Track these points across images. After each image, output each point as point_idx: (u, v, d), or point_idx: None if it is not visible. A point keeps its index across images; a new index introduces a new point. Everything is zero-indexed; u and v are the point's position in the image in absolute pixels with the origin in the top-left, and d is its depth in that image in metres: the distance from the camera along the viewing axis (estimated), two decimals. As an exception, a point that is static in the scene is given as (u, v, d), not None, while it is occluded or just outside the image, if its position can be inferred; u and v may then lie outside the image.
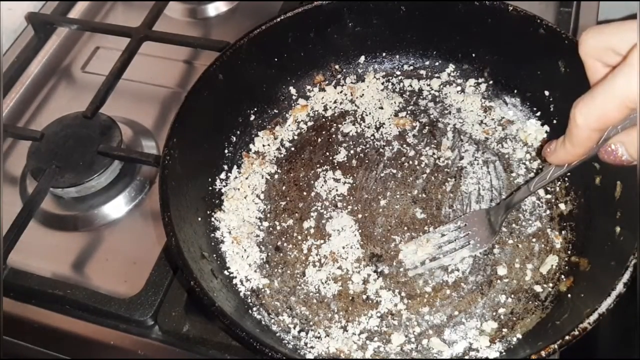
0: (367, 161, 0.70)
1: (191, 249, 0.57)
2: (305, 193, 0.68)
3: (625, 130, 0.44)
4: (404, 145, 0.70)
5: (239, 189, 0.68)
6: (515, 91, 0.71)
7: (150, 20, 0.83)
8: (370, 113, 0.73)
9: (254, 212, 0.67)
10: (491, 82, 0.73)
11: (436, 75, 0.75)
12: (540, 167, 0.67)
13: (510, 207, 0.61)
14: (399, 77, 0.75)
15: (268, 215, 0.67)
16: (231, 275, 0.62)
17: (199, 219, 0.63)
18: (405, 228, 0.64)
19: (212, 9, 0.91)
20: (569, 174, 0.65)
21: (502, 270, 0.61)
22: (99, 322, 0.62)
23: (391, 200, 0.67)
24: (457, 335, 0.58)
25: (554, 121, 0.68)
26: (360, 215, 0.66)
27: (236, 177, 0.69)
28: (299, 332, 0.59)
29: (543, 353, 0.47)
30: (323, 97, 0.75)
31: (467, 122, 0.71)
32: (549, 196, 0.65)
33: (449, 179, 0.67)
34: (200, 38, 0.85)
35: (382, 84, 0.75)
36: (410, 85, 0.75)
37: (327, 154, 0.71)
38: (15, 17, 0.91)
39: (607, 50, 0.43)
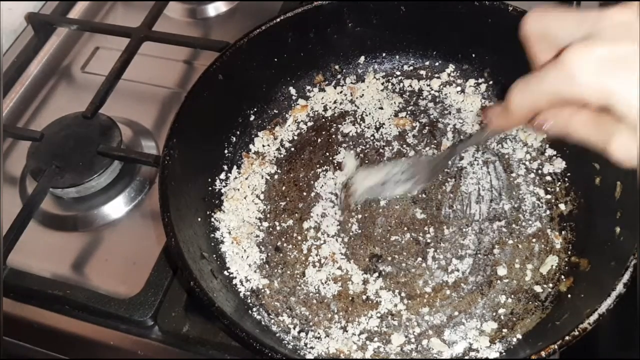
0: (367, 161, 0.70)
1: (191, 249, 0.57)
2: (305, 193, 0.68)
3: (555, 108, 0.44)
4: (404, 146, 0.70)
5: (238, 189, 0.68)
6: (515, 91, 0.71)
7: (150, 21, 0.83)
8: (370, 113, 0.73)
9: (253, 212, 0.67)
10: (491, 82, 0.73)
11: (436, 75, 0.75)
12: (540, 166, 0.67)
13: (447, 159, 0.65)
14: (399, 78, 0.75)
15: (268, 215, 0.67)
16: (231, 275, 0.62)
17: (199, 219, 0.63)
18: (405, 228, 0.64)
19: (212, 9, 0.91)
20: (569, 174, 0.66)
21: (502, 271, 0.61)
22: (99, 323, 0.62)
23: (391, 200, 0.67)
24: (457, 335, 0.58)
25: (554, 121, 0.68)
26: (360, 215, 0.66)
27: (236, 178, 0.69)
28: (299, 332, 0.59)
29: (543, 353, 0.47)
30: (323, 98, 0.75)
31: (467, 122, 0.71)
32: (549, 196, 0.65)
33: (449, 179, 0.67)
34: (200, 38, 0.85)
35: (382, 84, 0.75)
36: (410, 86, 0.75)
37: (327, 154, 0.71)
38: (15, 17, 0.91)
39: (547, 36, 0.43)
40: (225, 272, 0.62)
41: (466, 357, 0.56)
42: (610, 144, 0.40)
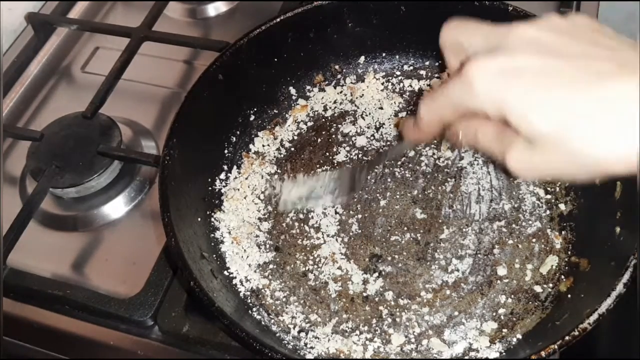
0: (367, 161, 0.70)
1: (191, 249, 0.57)
2: (305, 193, 0.68)
3: (465, 120, 0.45)
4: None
5: (238, 189, 0.68)
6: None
7: (150, 21, 0.83)
8: (370, 113, 0.73)
9: (253, 212, 0.67)
10: (491, 82, 0.73)
11: (436, 75, 0.75)
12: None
13: (369, 169, 0.66)
14: (399, 78, 0.75)
15: (268, 215, 0.67)
16: (231, 275, 0.62)
17: (199, 219, 0.63)
18: (405, 228, 0.64)
19: (212, 9, 0.91)
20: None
21: (502, 271, 0.61)
22: (99, 322, 0.62)
23: (391, 200, 0.67)
24: (457, 335, 0.58)
25: (554, 121, 0.68)
26: (360, 215, 0.66)
27: (236, 178, 0.69)
28: (299, 332, 0.59)
29: (543, 353, 0.47)
30: (323, 98, 0.75)
31: (467, 122, 0.71)
32: (549, 196, 0.65)
33: (449, 179, 0.67)
34: (200, 38, 0.85)
35: (382, 84, 0.75)
36: (410, 86, 0.75)
37: (327, 154, 0.71)
38: (15, 17, 0.91)
39: (459, 47, 0.46)
40: (225, 272, 0.62)
41: (466, 357, 0.56)
42: (506, 154, 0.42)
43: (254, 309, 0.60)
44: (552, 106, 0.38)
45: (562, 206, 0.64)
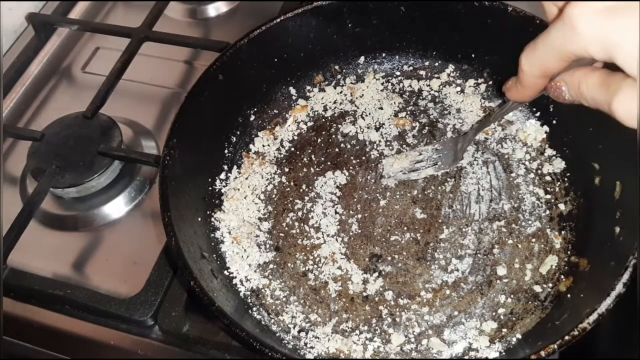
0: (367, 161, 0.70)
1: (191, 249, 0.57)
2: (305, 193, 0.68)
3: (569, 71, 0.43)
4: (404, 146, 0.71)
5: (239, 189, 0.68)
6: (515, 91, 0.71)
7: (151, 21, 0.83)
8: (370, 113, 0.73)
9: (254, 212, 0.67)
10: (491, 82, 0.73)
11: (436, 75, 0.75)
12: (540, 166, 0.67)
13: (472, 137, 0.66)
14: (399, 78, 0.75)
15: (268, 215, 0.67)
16: (231, 275, 0.62)
17: (199, 219, 0.63)
18: (405, 228, 0.64)
19: (212, 10, 0.91)
20: (568, 174, 0.66)
21: (501, 271, 0.61)
22: (99, 322, 0.62)
23: (391, 200, 0.67)
24: (456, 335, 0.58)
25: (554, 121, 0.68)
26: (360, 215, 0.66)
27: (236, 178, 0.69)
28: (299, 332, 0.59)
29: (543, 353, 0.47)
30: (323, 98, 0.75)
31: (467, 123, 0.71)
32: (548, 196, 0.65)
33: (448, 179, 0.67)
34: (200, 38, 0.85)
35: (382, 84, 0.75)
36: (410, 86, 0.75)
37: (327, 154, 0.71)
38: (15, 17, 0.91)
39: None
40: (226, 272, 0.62)
41: (466, 357, 0.56)
42: (612, 102, 0.39)
43: (254, 309, 0.60)
44: None
45: (561, 206, 0.64)
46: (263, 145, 0.72)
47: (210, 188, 0.67)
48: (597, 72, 0.41)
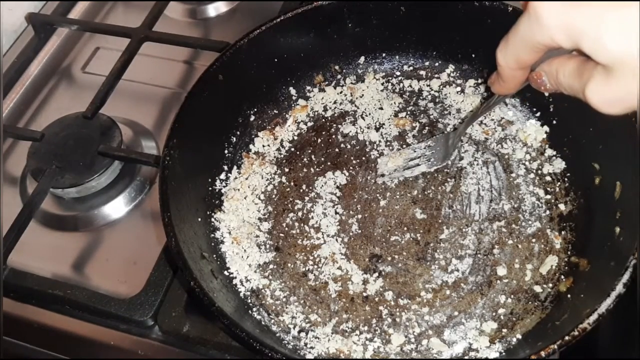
0: (367, 161, 0.70)
1: (191, 249, 0.57)
2: (305, 193, 0.68)
3: (547, 61, 0.44)
4: (404, 146, 0.70)
5: (239, 190, 0.68)
6: (515, 91, 0.71)
7: (151, 21, 0.83)
8: (370, 113, 0.73)
9: (254, 212, 0.67)
10: (491, 82, 0.73)
11: (436, 75, 0.75)
12: (540, 166, 0.67)
13: (462, 132, 0.67)
14: (399, 78, 0.75)
15: (268, 215, 0.67)
16: (231, 275, 0.62)
17: (199, 219, 0.63)
18: (405, 228, 0.64)
19: (212, 10, 0.91)
20: (568, 174, 0.66)
21: (501, 271, 0.61)
22: (99, 322, 0.62)
23: (391, 200, 0.67)
24: (456, 335, 0.58)
25: (554, 121, 0.68)
26: (360, 216, 0.66)
27: (236, 178, 0.69)
28: (299, 332, 0.59)
29: (543, 353, 0.47)
30: (323, 98, 0.75)
31: (467, 123, 0.71)
32: (548, 196, 0.65)
33: (448, 179, 0.67)
34: (200, 38, 0.85)
35: (382, 84, 0.75)
36: (410, 86, 0.75)
37: (327, 154, 0.71)
38: (15, 17, 0.91)
39: None
40: (226, 272, 0.62)
41: (466, 357, 0.56)
42: (585, 89, 0.40)
43: (254, 309, 0.60)
44: (627, 25, 0.36)
45: (562, 206, 0.64)
46: (263, 146, 0.72)
47: (210, 188, 0.67)
48: (573, 60, 0.42)
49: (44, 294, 0.63)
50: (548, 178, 0.66)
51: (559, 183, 0.66)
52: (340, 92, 0.75)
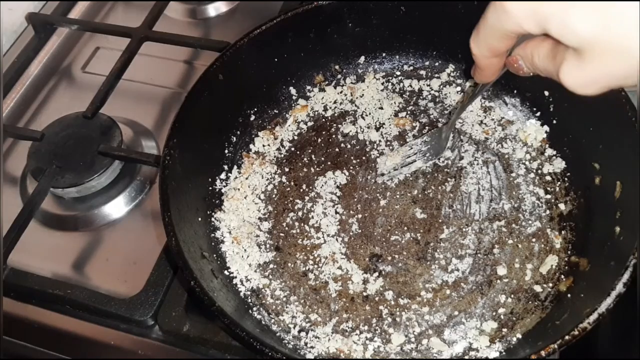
0: (367, 161, 0.70)
1: (191, 249, 0.57)
2: (305, 193, 0.68)
3: (522, 44, 0.44)
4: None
5: (239, 189, 0.68)
6: (515, 91, 0.71)
7: (151, 21, 0.83)
8: (370, 113, 0.73)
9: (254, 212, 0.67)
10: (491, 82, 0.73)
11: (436, 75, 0.75)
12: (540, 166, 0.67)
13: (454, 123, 0.67)
14: (399, 78, 0.75)
15: (268, 215, 0.67)
16: (231, 275, 0.62)
17: (199, 219, 0.63)
18: (405, 228, 0.64)
19: (212, 9, 0.91)
20: (568, 174, 0.66)
21: (502, 270, 0.61)
22: (99, 322, 0.62)
23: (391, 200, 0.67)
24: (457, 335, 0.58)
25: (554, 121, 0.68)
26: (360, 215, 0.66)
27: (236, 177, 0.69)
28: (299, 332, 0.59)
29: (543, 353, 0.47)
30: (323, 98, 0.75)
31: (467, 122, 0.71)
32: (548, 196, 0.65)
33: (448, 179, 0.67)
34: (200, 38, 0.85)
35: (382, 84, 0.75)
36: (410, 86, 0.75)
37: (327, 154, 0.71)
38: (15, 17, 0.91)
39: None
40: (226, 272, 0.62)
41: (466, 357, 0.56)
42: (559, 72, 0.40)
43: (254, 309, 0.60)
44: (592, 7, 0.36)
45: (562, 206, 0.64)
46: (263, 145, 0.72)
47: (210, 188, 0.67)
48: (546, 42, 0.42)
49: (44, 293, 0.63)
50: (548, 178, 0.66)
51: (559, 183, 0.66)
52: (341, 92, 0.75)
